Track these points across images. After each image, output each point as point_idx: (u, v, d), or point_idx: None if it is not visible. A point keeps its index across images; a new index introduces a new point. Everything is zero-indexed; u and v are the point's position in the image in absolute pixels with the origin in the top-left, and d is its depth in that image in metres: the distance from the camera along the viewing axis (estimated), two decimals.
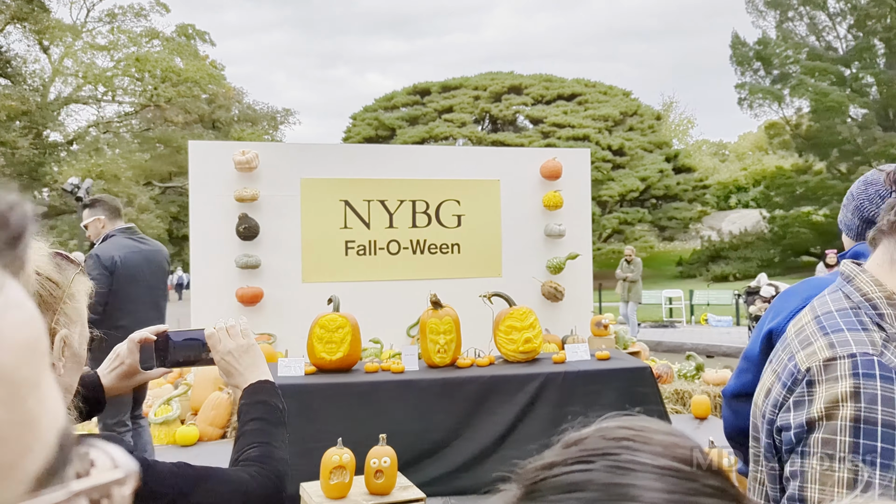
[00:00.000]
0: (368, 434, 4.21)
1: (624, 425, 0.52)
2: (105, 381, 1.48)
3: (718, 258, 32.45)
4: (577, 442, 0.51)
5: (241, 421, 1.32)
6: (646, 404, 4.96)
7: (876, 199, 1.74)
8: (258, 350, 1.45)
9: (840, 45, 33.05)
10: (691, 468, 0.48)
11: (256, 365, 1.41)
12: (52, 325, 1.04)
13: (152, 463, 1.06)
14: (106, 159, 30.65)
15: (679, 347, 12.65)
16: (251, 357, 1.42)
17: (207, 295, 8.01)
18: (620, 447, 0.49)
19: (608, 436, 0.50)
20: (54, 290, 1.05)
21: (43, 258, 1.05)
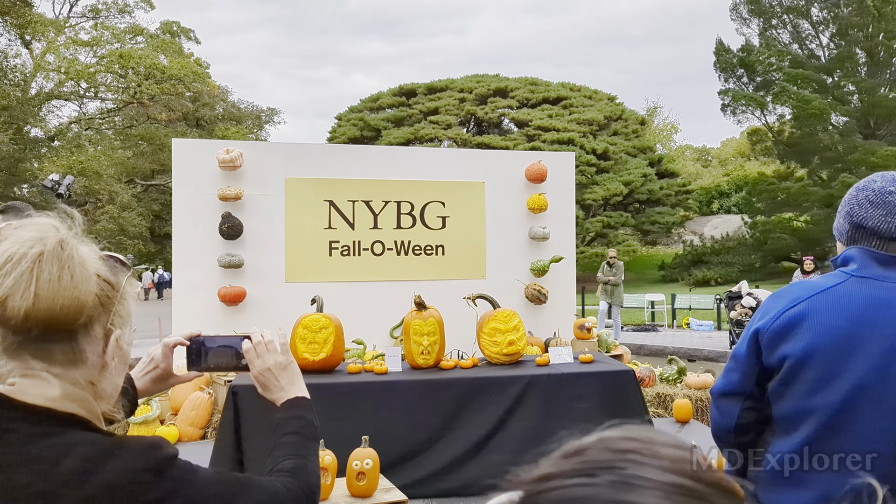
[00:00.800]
0: (351, 436, 4.18)
1: (629, 436, 0.48)
2: (138, 384, 1.52)
3: (700, 263, 32.69)
4: (578, 452, 0.49)
5: (276, 433, 1.36)
6: (628, 407, 4.98)
7: (865, 203, 1.75)
8: (296, 367, 1.48)
9: (822, 54, 33.44)
10: (702, 486, 0.45)
11: (294, 382, 1.45)
12: (107, 325, 1.07)
13: (196, 469, 1.07)
14: (87, 156, 30.32)
15: (661, 351, 12.72)
16: (289, 374, 1.45)
17: (190, 294, 7.94)
18: (626, 460, 0.45)
19: (612, 447, 0.47)
20: (110, 292, 1.07)
21: (100, 261, 1.08)
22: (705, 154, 69.11)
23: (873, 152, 27.77)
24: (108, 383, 1.09)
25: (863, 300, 1.66)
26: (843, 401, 1.63)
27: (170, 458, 1.04)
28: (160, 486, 1.00)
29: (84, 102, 34.95)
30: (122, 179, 32.45)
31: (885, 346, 1.61)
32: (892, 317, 1.62)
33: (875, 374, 1.61)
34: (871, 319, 1.63)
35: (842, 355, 1.63)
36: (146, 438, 1.05)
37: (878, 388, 1.60)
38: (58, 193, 16.66)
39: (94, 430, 1.04)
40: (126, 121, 34.68)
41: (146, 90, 31.31)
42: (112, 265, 1.11)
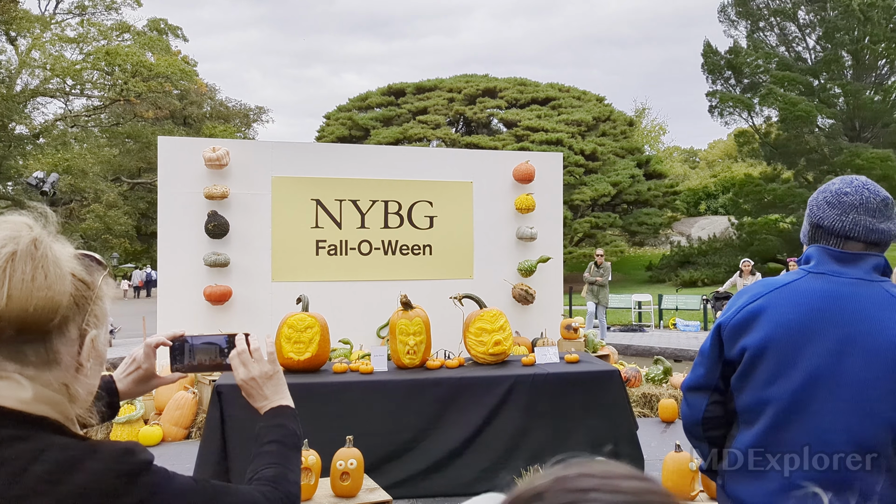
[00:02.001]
0: (335, 435, 4.17)
1: (585, 472, 0.46)
2: (120, 385, 1.49)
3: (687, 263, 32.82)
4: (535, 497, 0.45)
5: (258, 441, 1.34)
6: (614, 408, 4.98)
7: (823, 204, 1.85)
8: (282, 376, 1.46)
9: (809, 56, 33.66)
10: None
11: (279, 391, 1.43)
12: (83, 325, 1.05)
13: (172, 475, 1.05)
14: (73, 153, 30.07)
15: (647, 351, 12.76)
16: (275, 384, 1.43)
17: (175, 293, 7.89)
18: (588, 500, 0.43)
19: (570, 487, 0.44)
20: (85, 291, 1.05)
21: (74, 259, 1.06)
22: (693, 155, 69.47)
23: (859, 154, 28.00)
24: (82, 385, 1.06)
25: (817, 294, 1.74)
26: (798, 390, 1.71)
27: (144, 464, 1.01)
28: (134, 493, 0.97)
29: (70, 99, 34.68)
30: (108, 177, 32.22)
31: (838, 337, 1.69)
32: (845, 309, 1.71)
33: (827, 364, 1.68)
34: (824, 312, 1.72)
35: (796, 346, 1.72)
36: (120, 443, 1.02)
37: (830, 377, 1.68)
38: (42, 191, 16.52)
39: (68, 433, 1.01)
40: (112, 118, 34.45)
41: (133, 88, 31.08)
42: (87, 264, 1.09)
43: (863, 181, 1.82)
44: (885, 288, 1.72)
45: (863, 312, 1.70)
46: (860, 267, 1.74)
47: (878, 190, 1.80)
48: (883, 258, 1.76)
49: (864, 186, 1.81)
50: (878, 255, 1.76)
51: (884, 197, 1.78)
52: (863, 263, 1.75)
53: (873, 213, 1.77)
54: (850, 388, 1.66)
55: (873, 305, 1.70)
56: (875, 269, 1.75)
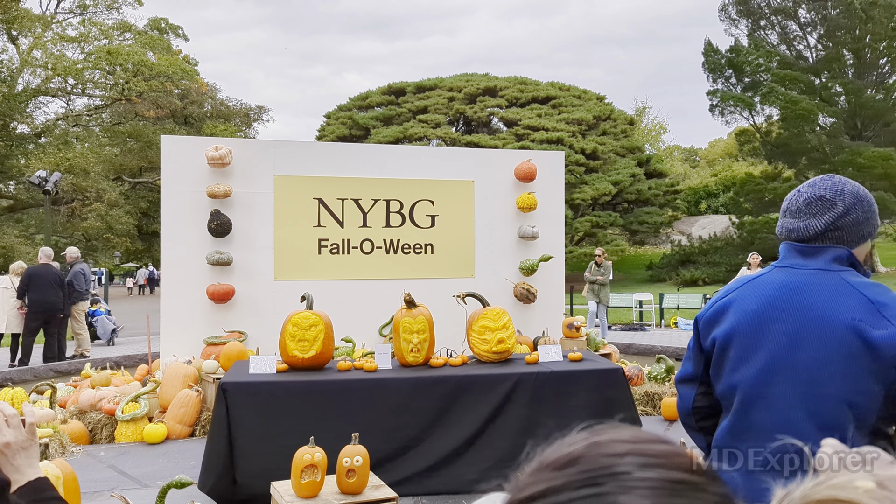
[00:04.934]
0: (340, 433, 4.19)
1: (616, 438, 0.48)
2: None
3: (688, 262, 32.82)
4: (572, 462, 0.47)
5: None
6: (617, 406, 5.00)
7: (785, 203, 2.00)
8: (36, 449, 1.35)
9: (810, 55, 33.65)
10: (697, 476, 0.46)
11: (31, 464, 1.32)
12: None
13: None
14: (75, 153, 30.05)
15: (649, 350, 12.76)
16: (28, 455, 1.32)
17: (178, 291, 7.91)
18: (626, 464, 0.45)
19: (607, 452, 0.47)
20: None
21: None
22: (693, 154, 69.46)
23: (860, 153, 28.00)
24: None
25: (777, 285, 1.89)
26: (759, 374, 1.85)
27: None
28: None
29: (71, 99, 34.65)
30: (110, 177, 32.22)
31: (794, 323, 1.82)
32: (801, 297, 1.84)
33: (784, 348, 1.82)
34: (782, 301, 1.86)
35: (757, 334, 1.87)
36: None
37: (787, 361, 1.81)
38: (45, 190, 16.53)
39: None
40: (114, 118, 34.42)
41: (134, 87, 31.07)
42: None
43: (810, 183, 1.96)
44: (843, 276, 1.83)
45: (817, 299, 1.82)
46: (820, 259, 1.87)
47: (810, 190, 1.92)
48: (844, 250, 1.86)
49: (799, 189, 1.96)
50: (839, 247, 1.87)
51: (807, 198, 1.91)
52: (823, 255, 1.87)
53: (794, 213, 1.92)
54: (806, 370, 1.78)
55: (828, 292, 1.81)
56: (835, 260, 1.86)
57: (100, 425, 6.58)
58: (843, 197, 1.88)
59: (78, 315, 12.01)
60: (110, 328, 14.09)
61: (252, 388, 4.63)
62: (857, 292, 1.78)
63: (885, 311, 1.73)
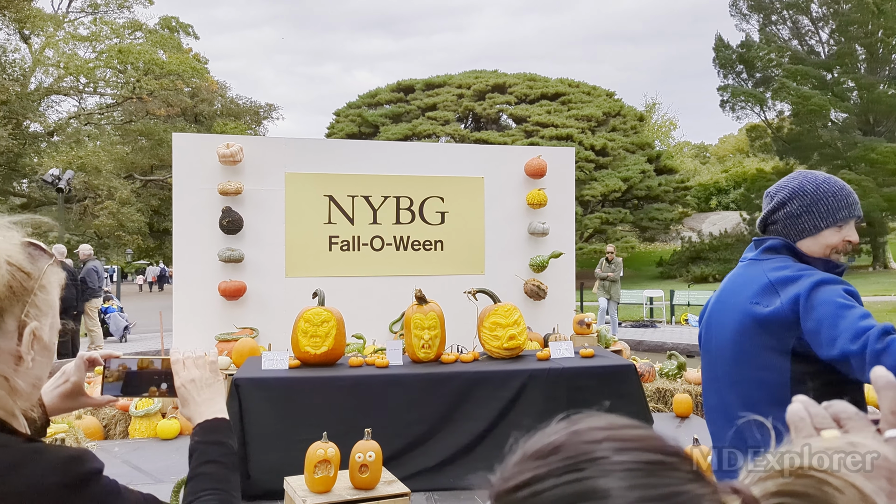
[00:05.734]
0: (352, 428, 4.20)
1: (594, 425, 0.51)
2: (46, 398, 1.38)
3: (699, 259, 32.69)
4: (554, 450, 0.49)
5: (195, 459, 1.24)
6: (629, 402, 5.00)
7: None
8: (221, 388, 1.37)
9: (822, 50, 33.42)
10: (669, 457, 0.49)
11: (215, 402, 1.33)
12: (21, 316, 1.00)
13: (121, 490, 1.01)
14: (87, 151, 30.20)
15: (660, 347, 12.74)
16: (212, 392, 1.34)
17: (190, 288, 7.95)
18: (604, 449, 0.48)
19: (587, 439, 0.49)
20: (26, 282, 1.00)
21: (14, 247, 1.01)
22: (704, 151, 69.11)
23: (873, 149, 27.80)
24: (25, 378, 1.01)
25: (727, 279, 2.07)
26: (708, 362, 2.05)
27: (91, 475, 0.96)
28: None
29: (83, 97, 34.85)
30: (121, 175, 32.36)
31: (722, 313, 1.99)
32: (729, 289, 2.01)
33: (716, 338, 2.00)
34: (723, 294, 2.03)
35: (707, 326, 2.07)
36: (68, 450, 0.97)
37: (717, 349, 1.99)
38: (58, 188, 16.65)
39: (10, 430, 0.97)
40: (125, 116, 34.57)
41: (145, 85, 31.20)
42: (31, 253, 1.04)
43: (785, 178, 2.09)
44: (763, 265, 1.95)
45: (734, 290, 1.97)
46: (757, 250, 2.01)
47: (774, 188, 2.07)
48: (778, 240, 1.97)
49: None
50: (775, 238, 1.99)
51: (766, 192, 2.08)
52: (760, 246, 2.01)
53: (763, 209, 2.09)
54: (731, 356, 1.93)
55: (742, 282, 1.96)
56: (766, 250, 1.98)
57: (114, 421, 6.64)
58: (782, 192, 2.01)
59: (91, 312, 12.10)
60: (123, 325, 14.19)
61: (264, 383, 4.65)
62: (763, 276, 1.90)
63: (780, 286, 1.84)
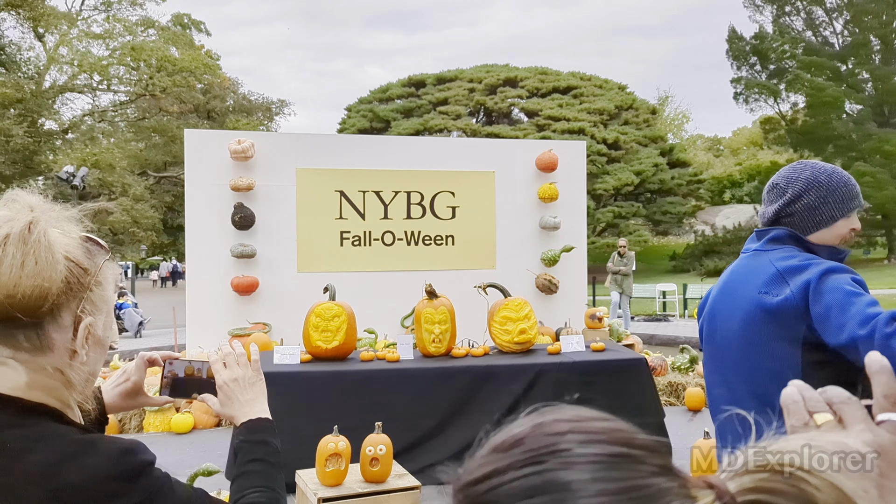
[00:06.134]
0: (363, 422, 4.22)
1: (559, 418, 0.50)
2: (107, 397, 1.40)
3: (712, 253, 32.51)
4: (517, 443, 0.48)
5: (240, 458, 1.25)
6: (641, 396, 4.99)
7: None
8: (263, 387, 1.37)
9: (836, 41, 33.10)
10: (636, 450, 0.48)
11: (258, 402, 1.33)
12: (77, 312, 1.01)
13: (172, 483, 1.03)
14: (101, 148, 30.45)
15: (672, 341, 12.70)
16: (255, 392, 1.34)
17: (203, 284, 8.01)
18: (566, 441, 0.47)
19: (549, 431, 0.48)
20: (82, 277, 1.01)
21: (73, 242, 1.02)
22: (717, 144, 68.64)
23: (888, 140, 27.52)
24: (79, 372, 1.02)
25: (728, 271, 2.09)
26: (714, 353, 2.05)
27: (144, 466, 0.98)
28: (128, 496, 0.94)
29: (97, 95, 35.08)
30: (135, 171, 32.59)
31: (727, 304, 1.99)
32: (733, 281, 2.01)
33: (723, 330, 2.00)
34: (726, 285, 2.04)
35: (711, 318, 2.08)
36: (122, 441, 0.99)
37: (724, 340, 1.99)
38: (73, 185, 16.79)
39: (66, 421, 0.99)
40: (138, 113, 34.80)
41: (158, 82, 31.37)
42: (89, 248, 1.05)
43: (780, 170, 2.08)
44: (770, 255, 1.94)
45: (740, 280, 1.97)
46: (762, 241, 2.00)
47: (773, 177, 2.06)
48: (782, 230, 1.96)
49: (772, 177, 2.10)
50: (780, 228, 1.97)
51: (769, 184, 2.05)
52: (764, 237, 2.00)
53: (763, 201, 2.07)
54: (737, 347, 1.93)
55: (749, 272, 1.95)
56: (771, 241, 1.97)
57: (128, 415, 6.70)
58: (796, 184, 1.96)
59: None
60: (137, 320, 14.30)
61: (276, 378, 4.68)
62: (770, 266, 1.89)
63: (788, 275, 1.82)
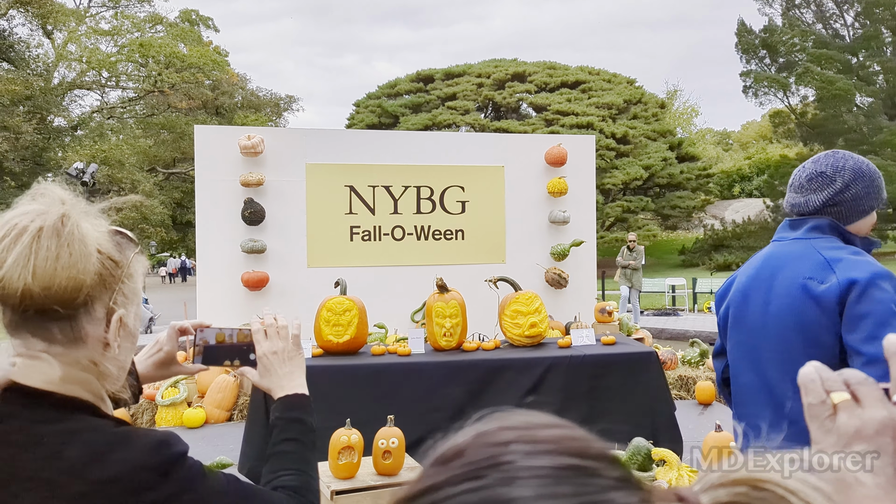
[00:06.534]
0: (375, 415, 4.23)
1: (504, 425, 0.45)
2: (140, 367, 1.44)
3: (721, 247, 32.37)
4: (457, 454, 0.44)
5: (275, 436, 1.27)
6: (651, 389, 4.99)
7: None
8: (302, 362, 1.38)
9: (847, 33, 32.86)
10: (589, 461, 0.43)
11: (295, 376, 1.35)
12: (110, 304, 1.02)
13: (205, 472, 1.04)
14: (110, 145, 30.59)
15: (682, 335, 12.68)
16: (293, 366, 1.35)
17: (213, 279, 8.04)
18: (509, 452, 0.42)
19: (491, 441, 0.44)
20: (114, 270, 1.02)
21: (104, 235, 1.03)
22: (726, 137, 68.33)
23: None
24: (112, 363, 1.04)
25: (762, 258, 2.06)
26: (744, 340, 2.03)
27: (178, 457, 1.00)
28: (164, 487, 0.96)
29: (105, 91, 35.25)
30: (144, 168, 32.74)
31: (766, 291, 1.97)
32: (774, 268, 1.98)
33: (759, 316, 1.98)
34: (762, 272, 2.01)
35: (742, 305, 2.05)
36: (156, 434, 1.01)
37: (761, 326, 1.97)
38: (83, 182, 16.87)
39: (100, 414, 1.00)
40: (147, 109, 34.92)
41: (166, 79, 31.47)
42: (119, 242, 1.06)
43: (814, 159, 2.04)
44: (813, 243, 1.92)
45: (783, 266, 1.95)
46: (800, 229, 1.99)
47: (813, 166, 2.01)
48: (824, 220, 1.95)
49: (804, 165, 2.06)
50: (820, 217, 1.96)
51: (809, 173, 2.00)
52: (803, 226, 1.98)
53: (797, 189, 2.03)
54: (776, 333, 1.91)
55: (793, 259, 1.93)
56: (813, 230, 1.96)
57: (140, 410, 6.75)
58: (843, 173, 1.94)
59: None
60: (148, 316, 14.36)
61: None
62: (816, 253, 1.88)
63: (836, 265, 1.82)
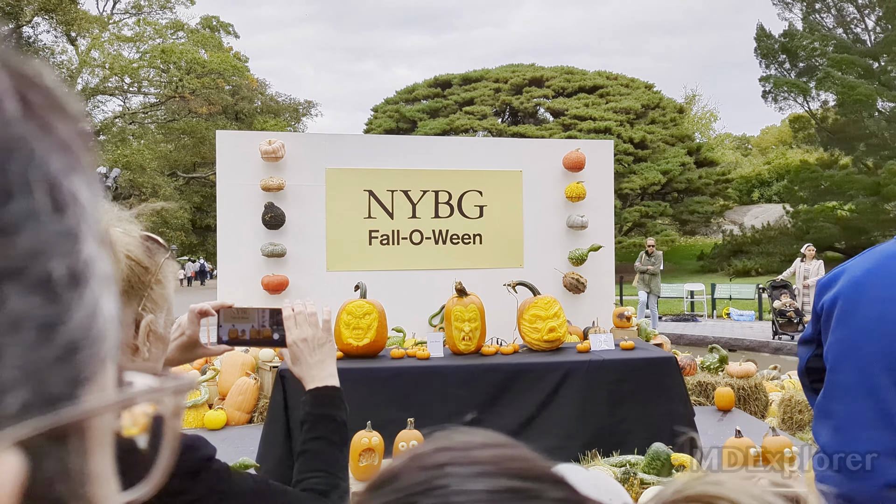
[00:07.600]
0: (395, 418, 4.28)
1: (441, 446, 0.44)
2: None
3: (740, 252, 32.12)
4: (391, 479, 0.43)
5: (305, 432, 1.25)
6: (670, 395, 4.98)
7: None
8: (333, 349, 1.36)
9: (868, 38, 32.54)
10: (530, 483, 0.42)
11: (326, 364, 1.33)
12: (138, 310, 1.01)
13: (231, 474, 1.04)
14: (132, 149, 30.96)
15: (701, 341, 12.61)
16: (324, 354, 1.34)
17: (234, 283, 8.13)
18: (443, 475, 0.41)
19: (426, 464, 0.42)
20: (143, 276, 1.02)
21: (134, 241, 1.02)
22: (745, 142, 67.86)
23: None
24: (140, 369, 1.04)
25: (887, 255, 1.88)
26: (850, 336, 1.87)
27: (206, 461, 1.00)
28: (192, 491, 0.97)
29: (127, 97, 35.72)
30: (165, 172, 33.09)
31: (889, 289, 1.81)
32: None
33: (875, 314, 1.81)
34: (884, 269, 1.84)
35: (855, 299, 1.88)
36: (183, 437, 0.99)
37: (875, 326, 1.81)
38: (105, 186, 17.11)
39: None
40: (168, 114, 35.33)
41: (187, 84, 31.84)
42: (149, 247, 1.05)
43: None
44: None
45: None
46: None
47: None
48: None
49: None
50: None
51: None
52: None
53: None
54: (890, 337, 1.77)
55: None
56: None
57: None
58: None
59: None
60: None
61: None
62: None
63: None
